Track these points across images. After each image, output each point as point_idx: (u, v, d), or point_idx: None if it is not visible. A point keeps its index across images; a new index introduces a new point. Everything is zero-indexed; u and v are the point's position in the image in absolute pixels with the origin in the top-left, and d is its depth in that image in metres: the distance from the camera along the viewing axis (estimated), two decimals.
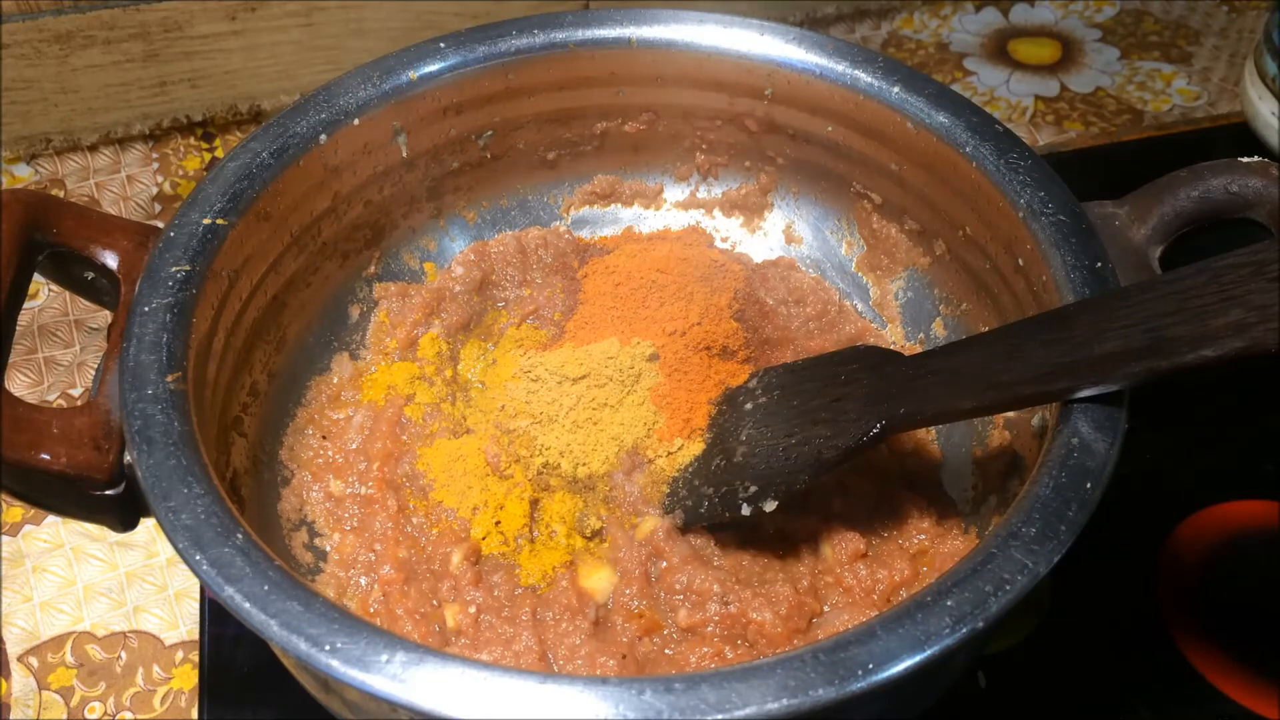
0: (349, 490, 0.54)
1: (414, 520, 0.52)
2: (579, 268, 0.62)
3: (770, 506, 0.48)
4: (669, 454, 0.53)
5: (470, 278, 0.62)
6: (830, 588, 0.50)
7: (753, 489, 0.49)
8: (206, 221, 0.49)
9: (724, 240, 0.66)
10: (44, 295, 0.78)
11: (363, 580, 0.50)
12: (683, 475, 0.52)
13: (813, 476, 0.47)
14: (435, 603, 0.49)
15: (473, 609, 0.48)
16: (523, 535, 0.52)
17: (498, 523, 0.52)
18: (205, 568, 0.38)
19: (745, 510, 0.48)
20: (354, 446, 0.55)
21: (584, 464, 0.53)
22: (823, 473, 0.47)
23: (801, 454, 0.47)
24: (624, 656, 0.46)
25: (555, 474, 0.54)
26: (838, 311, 0.62)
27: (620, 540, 0.51)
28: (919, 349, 0.60)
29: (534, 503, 0.53)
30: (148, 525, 0.44)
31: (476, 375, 0.59)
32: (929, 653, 0.36)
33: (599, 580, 0.50)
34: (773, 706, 0.35)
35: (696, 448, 0.53)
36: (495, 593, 0.50)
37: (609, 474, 0.53)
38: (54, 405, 0.72)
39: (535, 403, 0.55)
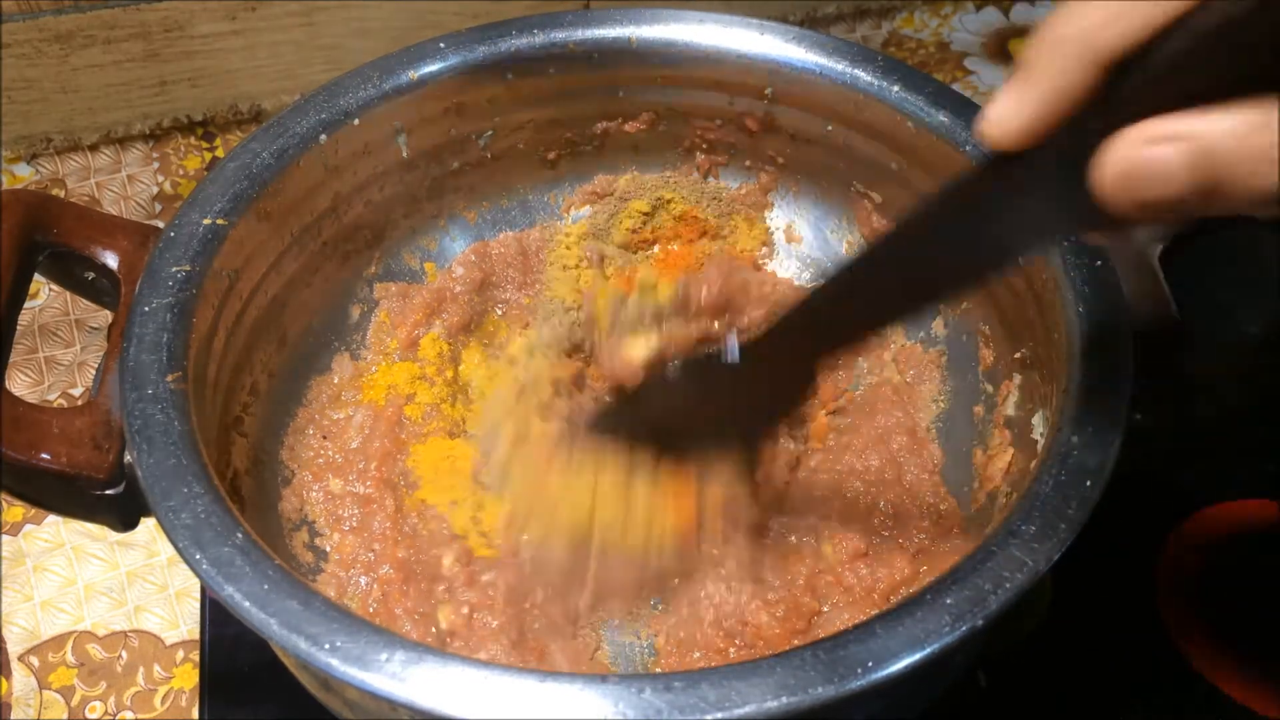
0: (349, 490, 0.54)
1: (411, 519, 0.53)
2: None
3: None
4: None
5: (471, 278, 0.62)
6: (830, 587, 0.50)
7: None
8: (207, 221, 0.49)
9: None
10: (44, 295, 0.78)
11: (362, 580, 0.50)
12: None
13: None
14: (434, 602, 0.49)
15: (465, 609, 0.48)
16: None
17: (476, 520, 0.52)
18: (205, 567, 0.38)
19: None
20: (354, 446, 0.55)
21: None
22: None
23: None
24: None
25: None
26: None
27: None
28: (919, 348, 0.60)
29: None
30: (148, 525, 0.44)
31: (477, 377, 0.59)
32: (928, 651, 0.36)
33: None
34: (772, 705, 0.35)
35: None
36: (489, 592, 0.50)
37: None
38: (54, 405, 0.72)
39: None
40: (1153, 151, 0.27)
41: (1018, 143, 0.30)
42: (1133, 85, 0.28)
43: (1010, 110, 0.29)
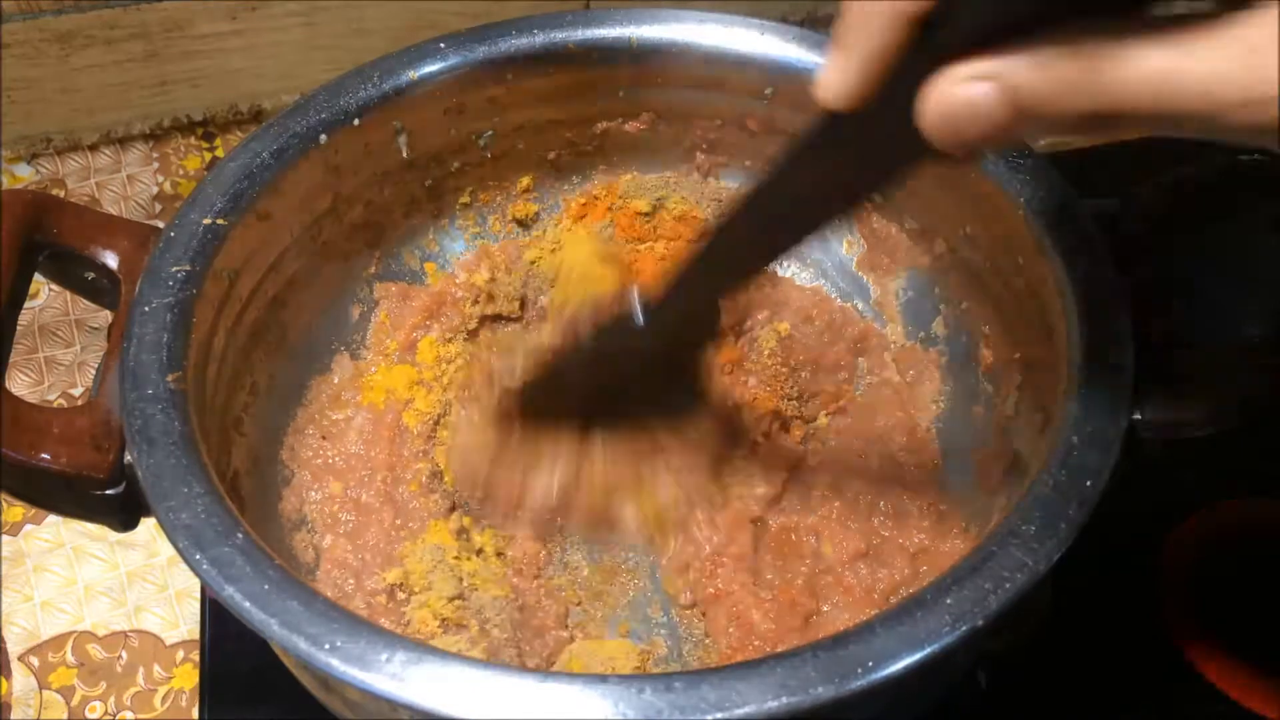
0: (348, 493, 0.54)
1: (411, 525, 0.53)
2: None
3: None
4: None
5: (471, 280, 0.62)
6: (830, 587, 0.50)
7: None
8: (207, 221, 0.49)
9: None
10: (44, 295, 0.78)
11: (350, 584, 0.50)
12: None
13: None
14: (407, 613, 0.49)
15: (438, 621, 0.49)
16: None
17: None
18: (205, 567, 0.38)
19: None
20: (353, 449, 0.55)
21: None
22: None
23: None
24: None
25: None
26: (842, 317, 0.62)
27: None
28: (919, 348, 0.60)
29: None
30: (148, 525, 0.44)
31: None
32: (928, 651, 0.36)
33: None
34: (772, 705, 0.35)
35: None
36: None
37: None
38: (54, 405, 0.72)
39: None
40: (966, 91, 0.28)
41: (850, 105, 0.32)
42: (946, 30, 0.29)
43: (836, 78, 0.31)
